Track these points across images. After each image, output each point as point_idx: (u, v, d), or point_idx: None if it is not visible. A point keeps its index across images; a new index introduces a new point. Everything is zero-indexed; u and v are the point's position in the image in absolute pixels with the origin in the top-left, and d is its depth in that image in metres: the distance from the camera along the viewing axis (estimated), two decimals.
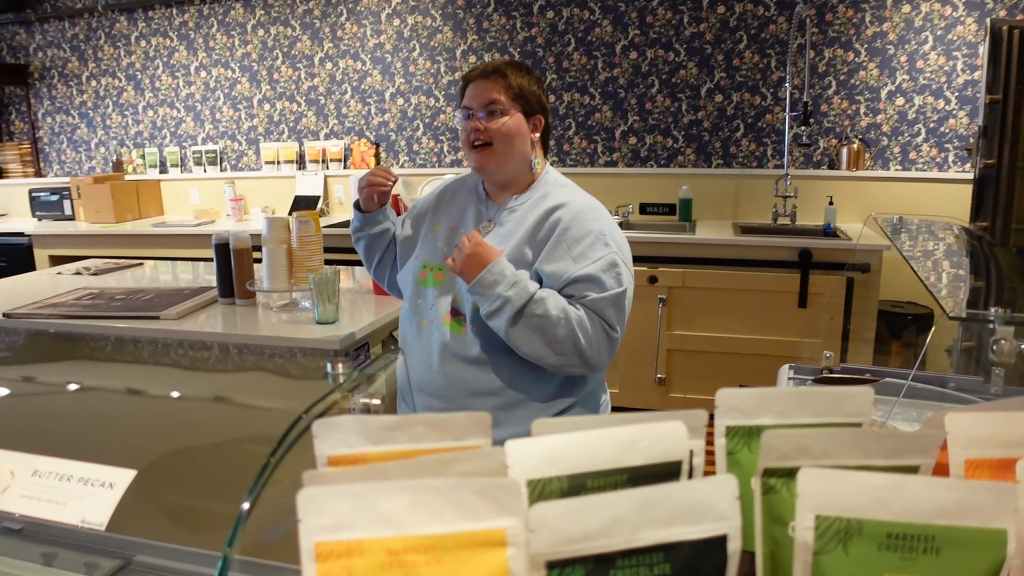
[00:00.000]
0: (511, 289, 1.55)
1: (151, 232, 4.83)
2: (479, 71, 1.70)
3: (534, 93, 1.72)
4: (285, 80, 5.26)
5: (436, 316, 1.70)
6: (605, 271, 1.60)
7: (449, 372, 1.67)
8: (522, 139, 1.70)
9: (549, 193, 1.72)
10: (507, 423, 1.64)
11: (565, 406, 1.71)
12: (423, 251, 1.80)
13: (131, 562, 1.28)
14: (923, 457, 0.62)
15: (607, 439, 0.59)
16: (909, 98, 4.24)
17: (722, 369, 4.04)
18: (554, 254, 1.62)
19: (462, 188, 1.87)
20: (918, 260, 2.18)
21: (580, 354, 1.58)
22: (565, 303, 1.58)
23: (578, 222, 1.63)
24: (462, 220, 1.79)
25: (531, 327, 1.55)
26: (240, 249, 2.48)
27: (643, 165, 4.73)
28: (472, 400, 1.66)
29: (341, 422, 0.62)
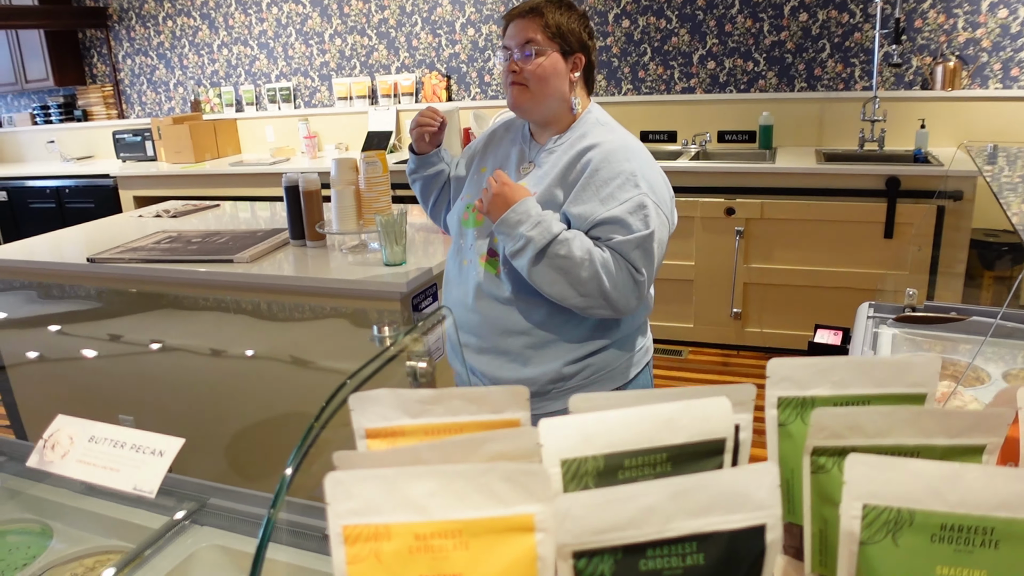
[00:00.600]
0: (534, 229, 1.54)
1: (229, 172, 4.94)
2: (518, 9, 1.67)
3: (573, 31, 1.66)
4: (355, 13, 5.23)
5: (474, 256, 1.72)
6: (632, 212, 1.56)
7: (483, 311, 1.70)
8: (559, 79, 1.66)
9: (587, 133, 1.69)
10: (538, 361, 1.68)
11: (597, 347, 1.71)
12: (468, 191, 1.82)
13: (206, 504, 1.34)
14: (989, 436, 0.58)
15: (646, 416, 0.57)
16: (1013, 9, 3.93)
17: (801, 304, 3.93)
18: (582, 195, 1.60)
19: (512, 128, 1.86)
20: (1012, 192, 2.04)
21: (605, 296, 1.56)
22: (591, 244, 1.57)
23: (608, 163, 1.60)
24: (506, 161, 1.79)
25: (554, 268, 1.55)
26: (309, 191, 2.50)
27: (722, 91, 4.55)
28: (504, 339, 1.69)
29: (378, 396, 0.62)
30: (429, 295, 2.33)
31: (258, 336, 1.50)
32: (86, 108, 6.18)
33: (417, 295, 2.26)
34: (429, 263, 2.30)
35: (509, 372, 1.70)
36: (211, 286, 2.41)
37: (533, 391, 1.69)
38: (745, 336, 4.06)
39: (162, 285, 2.46)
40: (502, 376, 1.71)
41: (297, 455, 0.68)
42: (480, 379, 1.75)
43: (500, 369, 1.71)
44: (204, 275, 2.39)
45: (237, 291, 2.38)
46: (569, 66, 1.67)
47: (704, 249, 3.98)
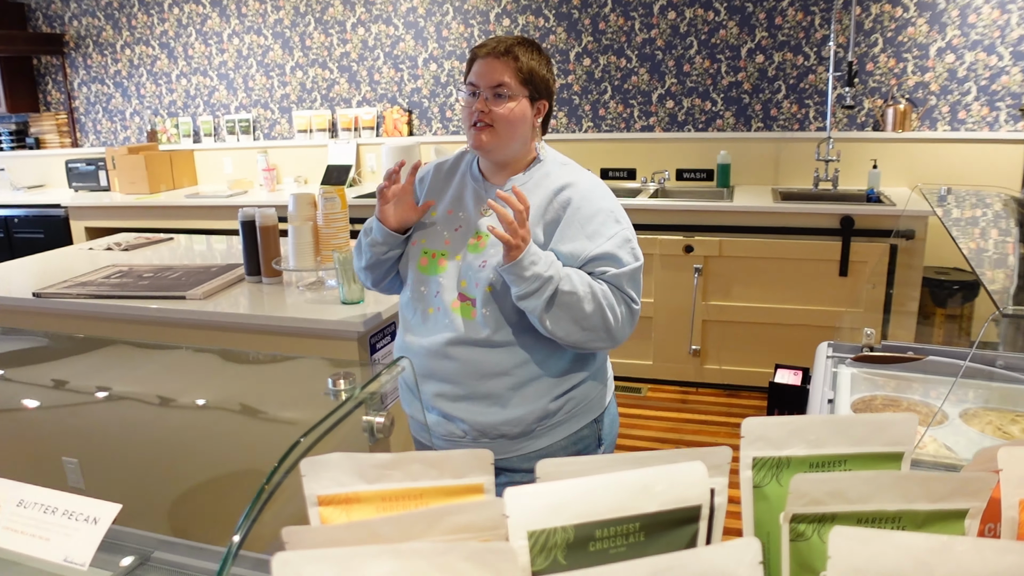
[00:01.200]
0: (550, 269, 1.52)
1: (185, 203, 4.85)
2: (489, 48, 1.63)
3: (543, 78, 1.65)
4: (317, 46, 5.20)
5: (443, 303, 1.65)
6: (621, 247, 1.60)
7: (460, 357, 1.64)
8: (525, 125, 1.64)
9: (551, 172, 1.68)
10: (519, 401, 1.64)
11: (578, 381, 1.69)
12: (421, 237, 1.73)
13: (150, 558, 1.27)
14: (972, 500, 0.56)
15: (618, 483, 0.54)
16: (959, 55, 4.05)
17: (759, 340, 3.95)
18: (567, 233, 1.60)
19: (454, 170, 1.79)
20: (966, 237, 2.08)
21: (607, 328, 1.57)
22: (588, 279, 1.57)
23: (588, 200, 1.61)
24: (460, 203, 1.73)
25: (562, 305, 1.54)
26: (266, 226, 2.45)
27: (680, 129, 4.60)
28: (484, 382, 1.63)
29: (331, 460, 0.58)
30: (387, 334, 2.28)
31: (209, 382, 1.44)
32: (39, 136, 6.04)
33: (375, 334, 2.22)
34: (387, 302, 2.26)
35: (492, 416, 1.64)
36: (162, 323, 2.34)
37: (518, 431, 1.64)
38: (704, 373, 4.06)
39: (111, 322, 2.38)
40: (485, 420, 1.65)
41: (246, 520, 0.64)
42: (457, 427, 1.68)
43: (482, 414, 1.65)
44: (155, 312, 2.31)
45: (189, 329, 2.32)
46: (534, 111, 1.66)
47: (663, 286, 3.99)
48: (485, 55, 1.62)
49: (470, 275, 1.63)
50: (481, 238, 1.65)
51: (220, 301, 2.34)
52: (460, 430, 1.68)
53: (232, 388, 1.36)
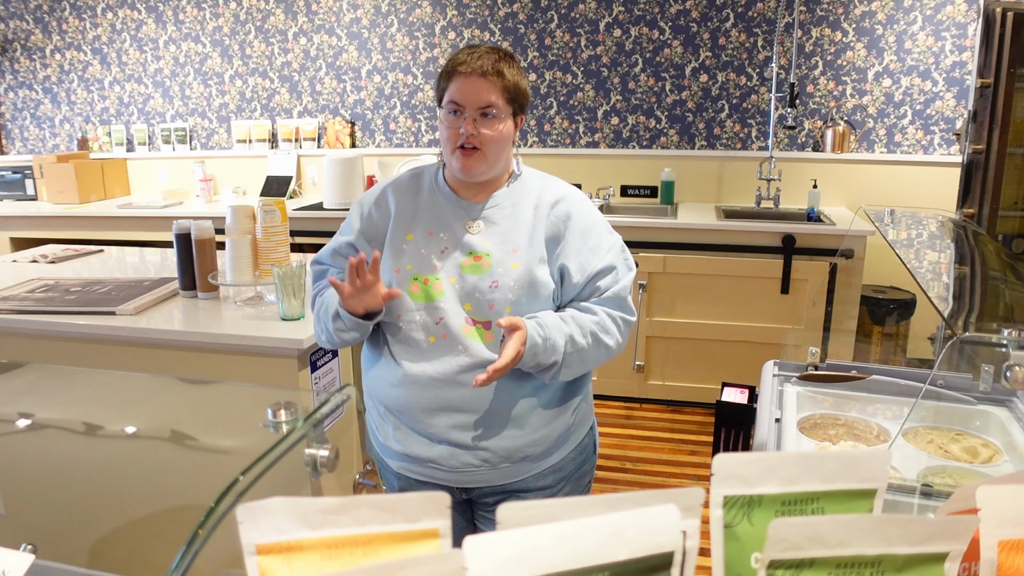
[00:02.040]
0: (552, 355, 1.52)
1: (116, 214, 4.68)
2: (474, 67, 1.52)
3: (525, 92, 1.62)
4: (258, 55, 5.09)
5: (449, 329, 1.55)
6: (619, 258, 1.63)
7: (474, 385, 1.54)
8: (508, 141, 1.60)
9: (533, 187, 1.65)
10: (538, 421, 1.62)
11: (582, 393, 1.73)
12: (405, 263, 1.59)
13: None
14: (953, 543, 0.53)
15: (586, 530, 0.50)
16: (896, 79, 4.16)
17: (702, 356, 3.98)
18: (571, 247, 1.59)
19: (419, 190, 1.67)
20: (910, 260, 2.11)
21: (609, 353, 1.62)
22: (586, 321, 1.58)
23: (582, 213, 1.62)
24: (440, 224, 1.61)
25: (571, 364, 1.57)
26: (202, 239, 2.36)
27: (625, 146, 4.62)
28: (506, 406, 1.59)
29: (271, 506, 0.52)
30: (328, 352, 2.21)
31: (141, 408, 1.35)
32: None
33: (315, 352, 2.15)
34: None
35: (515, 439, 1.60)
36: (90, 340, 2.23)
37: (541, 450, 1.63)
38: (648, 389, 4.07)
39: (35, 339, 2.26)
40: (510, 444, 1.60)
41: (178, 567, 0.58)
42: (476, 454, 1.59)
43: (505, 438, 1.59)
44: (83, 328, 2.20)
45: (119, 346, 2.21)
46: (514, 127, 1.61)
47: None
48: (469, 72, 1.52)
49: (477, 298, 1.55)
50: (480, 258, 1.57)
51: (153, 317, 2.24)
52: (478, 459, 1.59)
53: (166, 416, 1.29)
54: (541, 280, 1.56)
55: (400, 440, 1.64)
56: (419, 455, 1.62)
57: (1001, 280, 2.10)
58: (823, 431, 1.83)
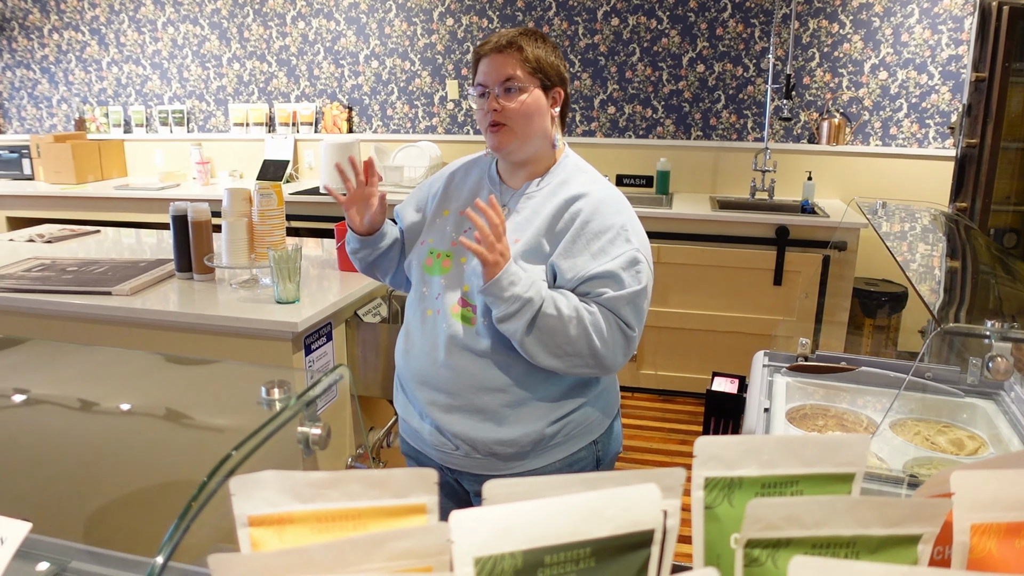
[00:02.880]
0: (530, 290, 1.44)
1: (113, 195, 4.68)
2: (492, 44, 1.55)
3: (552, 64, 1.57)
4: (256, 39, 5.08)
5: (443, 306, 1.58)
6: (625, 268, 1.50)
7: (456, 365, 1.56)
8: (541, 116, 1.56)
9: (569, 180, 1.60)
10: (515, 420, 1.56)
11: (578, 404, 1.62)
12: (429, 236, 1.66)
13: (67, 568, 1.20)
14: (926, 525, 0.55)
15: (569, 507, 0.51)
16: (892, 72, 4.17)
17: (694, 347, 4.00)
18: (572, 249, 1.51)
19: (473, 170, 1.72)
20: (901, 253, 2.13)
21: (594, 355, 1.49)
22: (577, 301, 1.49)
23: (599, 214, 1.53)
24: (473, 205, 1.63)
25: (544, 329, 1.46)
26: (198, 222, 2.37)
27: (621, 135, 4.63)
28: (478, 396, 1.56)
29: (263, 479, 0.54)
30: (323, 335, 2.22)
31: (136, 385, 1.37)
32: None
33: (310, 335, 2.16)
34: (323, 302, 2.20)
35: (485, 432, 1.56)
36: (86, 320, 2.24)
37: (511, 452, 1.57)
38: (640, 378, 4.09)
39: (31, 318, 2.27)
40: (478, 436, 1.57)
41: (171, 539, 0.59)
42: (449, 439, 1.60)
43: (475, 429, 1.56)
44: (79, 308, 2.21)
45: (115, 326, 2.22)
46: (550, 101, 1.58)
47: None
48: (489, 51, 1.55)
49: (474, 280, 1.54)
50: None
51: (148, 298, 2.25)
52: (452, 443, 1.60)
53: (161, 393, 1.30)
54: None
55: (402, 405, 1.70)
56: (412, 425, 1.67)
57: (991, 275, 2.12)
58: (812, 422, 1.85)
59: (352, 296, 2.33)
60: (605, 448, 1.71)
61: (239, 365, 1.63)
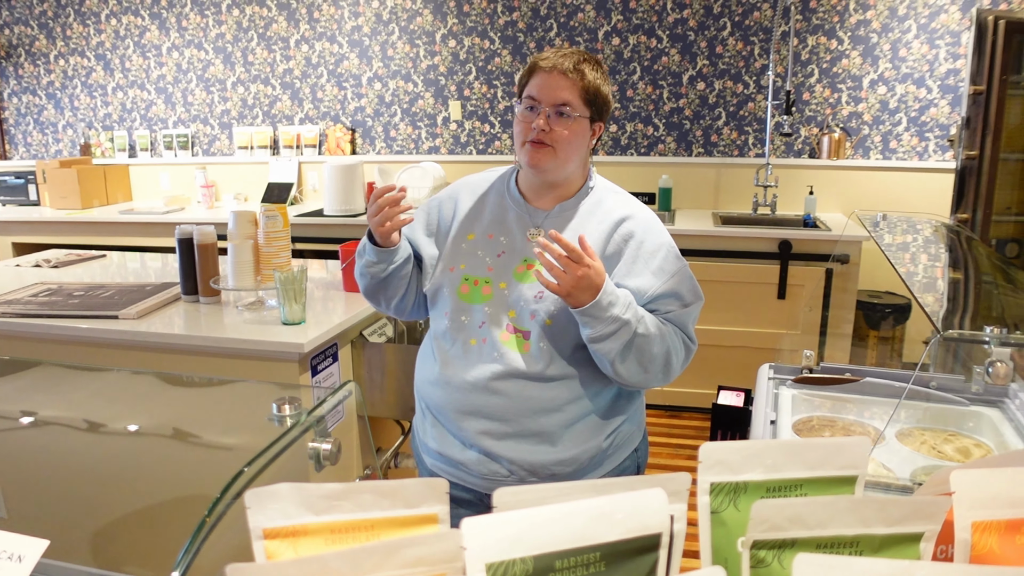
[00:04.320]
0: (628, 311, 1.44)
1: (118, 220, 4.71)
2: (555, 63, 1.51)
3: (606, 98, 1.57)
4: (260, 63, 5.13)
5: (489, 334, 1.55)
6: (684, 284, 1.55)
7: (510, 392, 1.53)
8: (583, 144, 1.56)
9: (603, 200, 1.60)
10: (571, 439, 1.56)
11: (624, 417, 1.64)
12: (460, 262, 1.61)
13: None
14: (927, 524, 0.56)
15: (578, 512, 0.53)
16: (891, 87, 4.19)
17: (700, 362, 3.99)
18: (634, 268, 1.53)
19: (489, 191, 1.68)
20: (903, 264, 2.14)
21: (667, 370, 1.53)
22: (653, 319, 1.52)
23: (651, 234, 1.56)
24: (502, 227, 1.62)
25: (636, 347, 1.47)
26: (204, 244, 2.39)
27: (623, 153, 4.66)
28: (535, 419, 1.54)
29: (278, 491, 0.55)
30: (329, 356, 2.24)
31: (145, 406, 1.38)
32: None
33: (316, 356, 2.17)
34: (328, 323, 2.22)
35: (542, 455, 1.55)
36: (93, 344, 2.26)
37: (570, 471, 1.56)
38: (647, 394, 4.08)
39: (39, 342, 2.29)
40: (535, 459, 1.55)
41: (187, 554, 0.60)
42: (504, 466, 1.57)
43: (532, 452, 1.55)
44: (86, 332, 2.23)
45: (122, 350, 2.23)
46: (591, 132, 1.57)
47: None
48: (550, 68, 1.52)
49: (521, 306, 1.53)
50: (533, 266, 1.55)
51: (155, 321, 2.27)
52: (506, 469, 1.57)
53: (170, 413, 1.31)
54: None
55: (436, 438, 1.64)
56: (452, 456, 1.62)
57: (993, 284, 2.13)
58: (818, 433, 1.85)
59: (358, 316, 2.35)
60: (643, 456, 1.75)
61: (249, 383, 1.64)
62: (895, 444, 1.77)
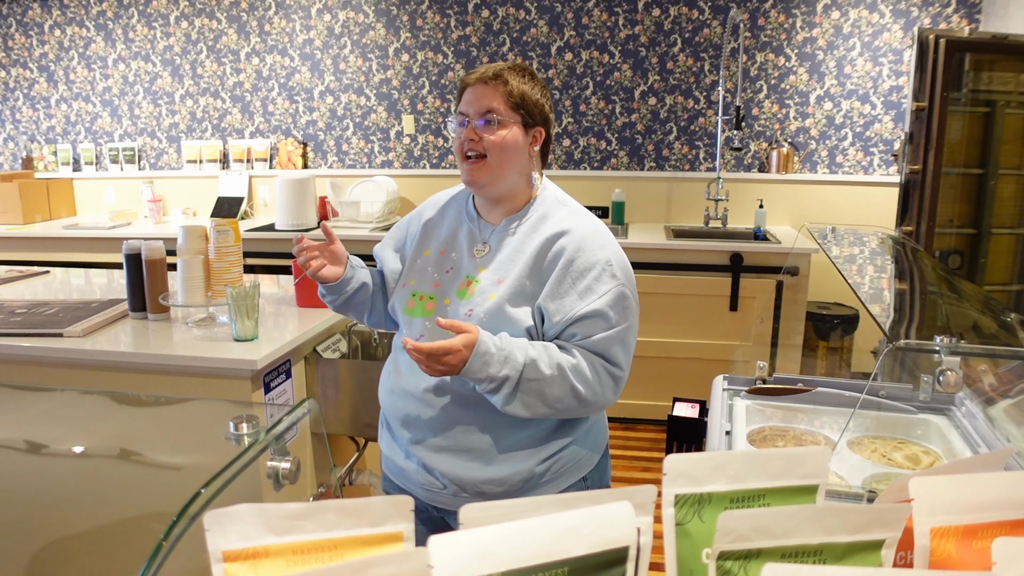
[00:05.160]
0: (504, 367, 1.42)
1: (62, 235, 4.59)
2: (478, 75, 1.54)
3: (536, 103, 1.56)
4: (209, 75, 5.06)
5: None
6: (612, 306, 1.48)
7: (441, 407, 1.55)
8: (519, 152, 1.55)
9: (549, 214, 1.58)
10: (504, 459, 1.55)
11: (564, 444, 1.60)
12: (411, 278, 1.65)
13: None
14: (888, 531, 0.57)
15: (545, 527, 0.52)
16: (837, 103, 4.30)
17: (655, 374, 4.03)
18: (559, 289, 1.49)
19: (451, 206, 1.71)
20: (852, 275, 2.18)
21: (580, 401, 1.48)
22: (557, 354, 1.47)
23: (583, 251, 1.50)
24: (453, 243, 1.64)
25: (528, 392, 1.45)
26: (153, 260, 2.34)
27: (576, 168, 4.69)
28: (467, 436, 1.54)
29: (237, 512, 0.54)
30: (282, 372, 2.20)
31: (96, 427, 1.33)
32: None
33: (269, 373, 2.14)
34: (282, 339, 2.18)
35: (474, 472, 1.54)
36: (37, 363, 2.19)
37: (500, 491, 1.54)
38: None
39: None
40: (466, 476, 1.55)
41: None
42: (438, 478, 1.57)
43: (463, 469, 1.54)
44: (28, 351, 2.16)
45: (67, 369, 2.17)
46: (529, 139, 1.56)
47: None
48: (474, 82, 1.54)
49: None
50: (471, 283, 1.55)
51: (101, 339, 2.21)
52: (440, 482, 1.57)
53: (121, 433, 1.27)
54: (513, 316, 1.50)
55: (386, 443, 1.69)
56: (397, 463, 1.65)
57: (938, 294, 2.19)
58: (772, 443, 1.88)
59: (311, 332, 2.31)
60: (595, 484, 1.70)
61: (201, 402, 1.60)
62: (846, 452, 1.80)
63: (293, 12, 4.85)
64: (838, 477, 1.67)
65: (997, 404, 1.85)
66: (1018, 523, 0.61)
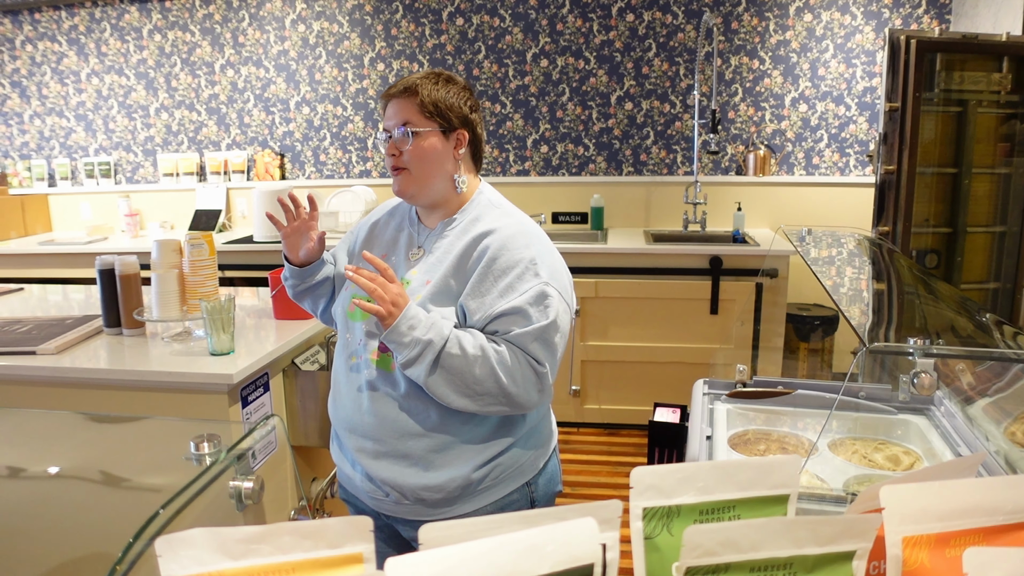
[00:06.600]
0: (429, 332, 1.42)
1: (37, 251, 4.53)
2: (394, 88, 1.57)
3: (453, 107, 1.55)
4: (184, 88, 5.02)
5: (364, 352, 1.58)
6: (532, 304, 1.46)
7: (379, 412, 1.54)
8: (440, 159, 1.56)
9: (481, 216, 1.58)
10: (442, 464, 1.53)
11: (505, 446, 1.58)
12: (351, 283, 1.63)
13: None
14: (859, 541, 0.56)
15: (507, 546, 0.51)
16: (812, 105, 4.32)
17: (637, 379, 4.03)
18: (480, 287, 1.49)
19: (396, 212, 1.75)
20: (829, 277, 2.19)
21: (504, 393, 1.45)
22: (483, 339, 1.46)
23: (507, 250, 1.50)
24: (394, 248, 1.67)
25: (449, 368, 1.43)
26: (126, 275, 2.31)
27: (555, 173, 4.69)
28: (403, 441, 1.53)
29: (190, 537, 0.52)
30: (260, 386, 2.18)
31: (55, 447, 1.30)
32: None
33: (246, 386, 2.11)
34: (260, 351, 2.16)
35: (412, 478, 1.53)
36: (10, 382, 2.15)
37: (438, 498, 1.53)
38: (585, 413, 4.10)
39: None
40: (405, 483, 1.53)
41: None
42: (379, 486, 1.57)
43: (402, 475, 1.53)
44: (1, 369, 2.12)
45: (41, 387, 2.14)
46: (452, 143, 1.57)
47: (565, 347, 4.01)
48: (388, 98, 1.58)
49: None
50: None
51: (76, 356, 2.18)
52: (382, 491, 1.57)
53: (81, 454, 1.25)
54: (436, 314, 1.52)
55: (336, 452, 1.71)
56: (345, 471, 1.67)
57: (915, 295, 2.20)
58: (754, 447, 1.87)
59: (289, 344, 2.29)
60: (540, 489, 1.68)
61: (168, 420, 1.58)
62: (827, 454, 1.80)
63: (267, 23, 4.82)
64: (819, 480, 1.66)
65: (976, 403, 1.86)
66: (991, 530, 0.60)
